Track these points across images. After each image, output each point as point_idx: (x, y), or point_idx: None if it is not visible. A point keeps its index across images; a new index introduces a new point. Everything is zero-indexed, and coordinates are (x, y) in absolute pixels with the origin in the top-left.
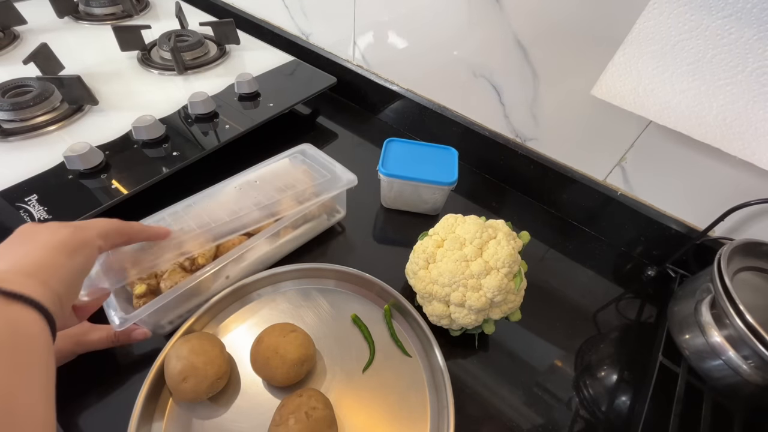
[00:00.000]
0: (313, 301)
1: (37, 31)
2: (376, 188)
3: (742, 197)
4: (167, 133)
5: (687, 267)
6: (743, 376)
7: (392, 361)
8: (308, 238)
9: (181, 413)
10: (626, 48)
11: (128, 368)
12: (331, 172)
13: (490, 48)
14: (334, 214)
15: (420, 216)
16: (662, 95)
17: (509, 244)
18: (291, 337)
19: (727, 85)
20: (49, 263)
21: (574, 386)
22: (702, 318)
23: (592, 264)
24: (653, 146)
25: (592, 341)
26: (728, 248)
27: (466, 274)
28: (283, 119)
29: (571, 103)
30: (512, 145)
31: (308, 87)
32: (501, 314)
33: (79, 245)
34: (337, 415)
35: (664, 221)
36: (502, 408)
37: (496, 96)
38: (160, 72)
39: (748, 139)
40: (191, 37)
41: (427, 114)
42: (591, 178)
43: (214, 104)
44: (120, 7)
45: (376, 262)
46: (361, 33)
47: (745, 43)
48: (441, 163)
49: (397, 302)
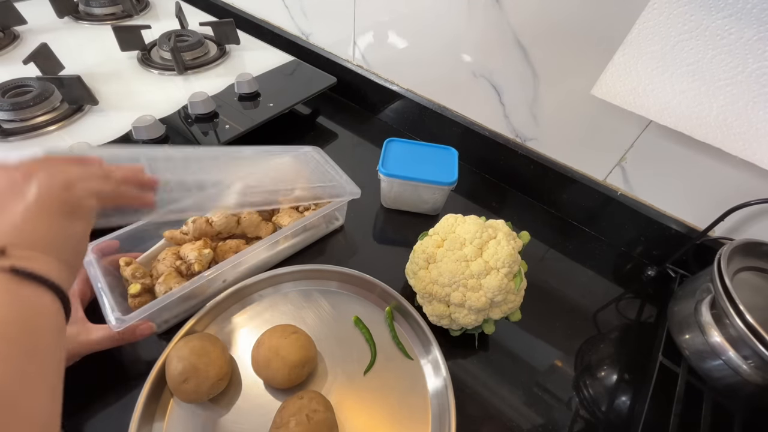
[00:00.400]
0: (315, 302)
1: (37, 31)
2: (376, 188)
3: (742, 197)
4: (167, 133)
5: (687, 267)
6: (743, 376)
7: (393, 363)
8: (305, 244)
9: (182, 414)
10: (626, 48)
11: (129, 369)
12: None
13: (490, 48)
14: (333, 222)
15: (420, 216)
16: (662, 95)
17: (509, 244)
18: (292, 339)
19: (727, 85)
20: (59, 233)
21: (574, 386)
22: (702, 318)
23: (592, 264)
24: (653, 146)
25: (592, 341)
26: (728, 248)
27: (466, 274)
28: (283, 119)
29: (571, 103)
30: (512, 145)
31: (308, 87)
32: (501, 314)
33: (76, 207)
34: (338, 417)
35: (664, 221)
36: (502, 408)
37: (496, 96)
38: (160, 72)
39: (749, 139)
40: (191, 37)
41: (427, 114)
42: (591, 178)
43: (214, 104)
44: (120, 7)
45: (376, 262)
46: (361, 33)
47: (745, 44)
48: (441, 163)
49: (399, 304)
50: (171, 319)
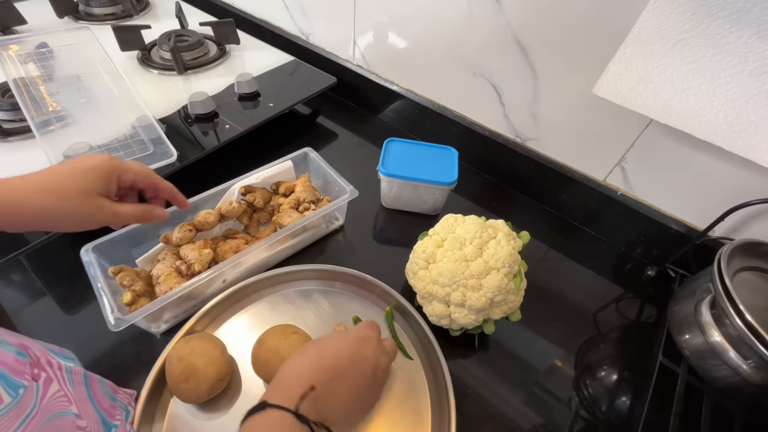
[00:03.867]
0: (315, 302)
1: (37, 31)
2: (376, 188)
3: (742, 197)
4: (167, 133)
5: (687, 267)
6: (743, 376)
7: (393, 363)
8: (305, 244)
9: (181, 414)
10: (627, 47)
11: (129, 369)
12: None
13: (490, 48)
14: (333, 222)
15: (420, 216)
16: (663, 94)
17: (509, 244)
18: (292, 339)
19: (727, 83)
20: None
21: (574, 386)
22: (702, 318)
23: (592, 264)
24: (654, 146)
25: (592, 341)
26: (728, 248)
27: (466, 274)
28: (283, 119)
29: (572, 103)
30: (512, 145)
31: (308, 87)
32: (501, 314)
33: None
34: None
35: (664, 221)
36: (502, 408)
37: (496, 96)
38: (160, 72)
39: (749, 137)
40: (191, 37)
41: (427, 114)
42: (591, 178)
43: (214, 104)
44: (120, 7)
45: (376, 262)
46: (361, 33)
47: (746, 42)
48: (441, 163)
49: (399, 304)
50: (171, 319)
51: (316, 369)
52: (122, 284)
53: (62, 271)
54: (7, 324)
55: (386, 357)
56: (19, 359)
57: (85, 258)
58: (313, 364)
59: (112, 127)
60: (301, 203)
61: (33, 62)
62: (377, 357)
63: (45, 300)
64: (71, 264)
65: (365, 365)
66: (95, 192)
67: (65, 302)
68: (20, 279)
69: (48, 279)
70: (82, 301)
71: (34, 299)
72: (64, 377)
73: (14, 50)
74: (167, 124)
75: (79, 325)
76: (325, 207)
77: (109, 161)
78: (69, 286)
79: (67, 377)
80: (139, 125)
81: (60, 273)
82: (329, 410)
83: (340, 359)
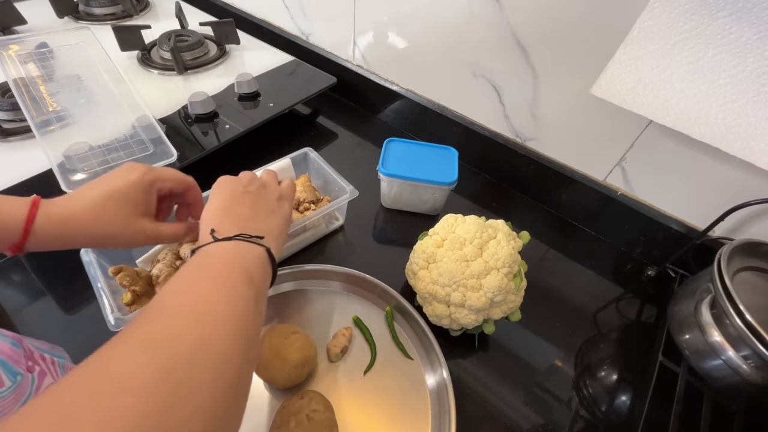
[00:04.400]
0: (315, 302)
1: (37, 31)
2: (376, 188)
3: (742, 197)
4: (167, 133)
5: (687, 267)
6: (743, 376)
7: (393, 363)
8: (305, 244)
9: None
10: (627, 47)
11: None
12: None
13: (490, 48)
14: (333, 222)
15: (420, 216)
16: (662, 94)
17: (509, 244)
18: (292, 339)
19: (727, 84)
20: (283, 230)
21: (574, 386)
22: (702, 318)
23: (592, 264)
24: (653, 146)
25: (592, 341)
26: (728, 248)
27: (466, 274)
28: (283, 119)
29: (571, 103)
30: (512, 145)
31: (308, 87)
32: (501, 314)
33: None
34: (338, 417)
35: (664, 221)
36: (502, 408)
37: (496, 96)
38: (160, 72)
39: (748, 138)
40: (191, 37)
41: (427, 114)
42: (591, 178)
43: (214, 104)
44: (120, 7)
45: (375, 262)
46: (361, 33)
47: (746, 43)
48: (441, 163)
49: (399, 304)
50: None
51: (220, 208)
52: (122, 284)
53: (62, 271)
54: (7, 324)
55: (283, 188)
56: (15, 350)
57: (85, 258)
58: (218, 206)
59: (112, 127)
60: (301, 203)
61: (33, 62)
62: (273, 187)
63: (45, 300)
64: (71, 264)
65: (261, 191)
66: (137, 214)
67: (65, 302)
68: (20, 279)
69: (48, 279)
70: (82, 301)
71: (34, 299)
72: (57, 372)
73: (14, 50)
74: (167, 124)
75: (79, 325)
76: (325, 207)
77: (148, 175)
78: (69, 286)
79: (61, 372)
80: (139, 125)
81: (60, 273)
82: (240, 222)
83: (234, 192)
